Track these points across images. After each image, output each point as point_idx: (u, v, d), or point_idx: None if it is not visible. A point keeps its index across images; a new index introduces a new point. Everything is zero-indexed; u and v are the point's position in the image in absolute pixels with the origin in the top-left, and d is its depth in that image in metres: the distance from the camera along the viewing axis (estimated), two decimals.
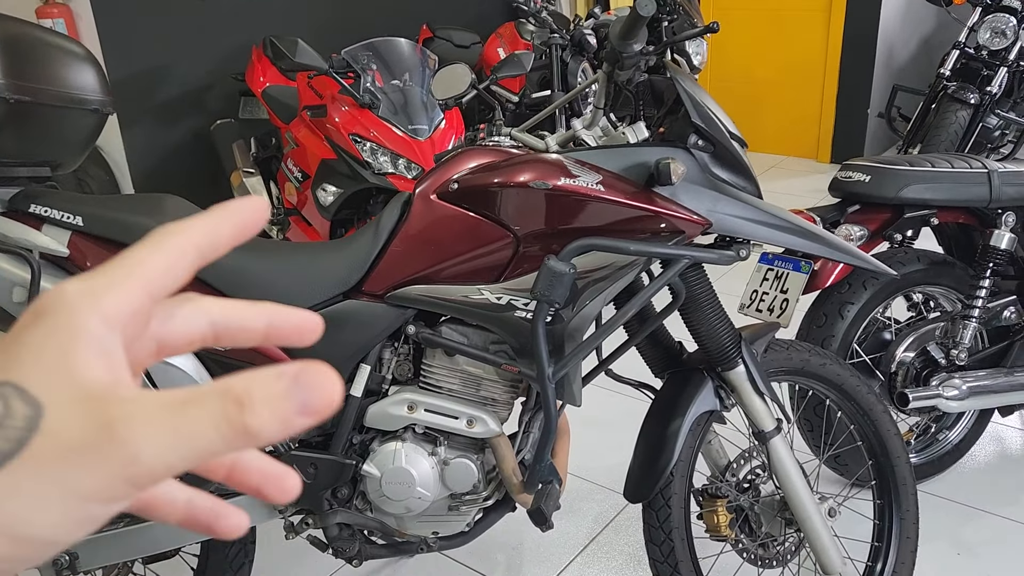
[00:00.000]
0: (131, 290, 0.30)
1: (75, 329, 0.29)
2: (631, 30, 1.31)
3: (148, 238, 0.32)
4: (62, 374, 0.28)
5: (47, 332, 0.29)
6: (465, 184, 1.39)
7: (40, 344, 0.28)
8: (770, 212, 1.41)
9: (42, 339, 0.29)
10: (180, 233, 0.32)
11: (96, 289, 0.30)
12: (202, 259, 0.33)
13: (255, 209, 0.35)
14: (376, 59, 2.80)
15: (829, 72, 5.06)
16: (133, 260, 0.31)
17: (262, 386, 0.28)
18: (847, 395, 1.69)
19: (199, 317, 0.34)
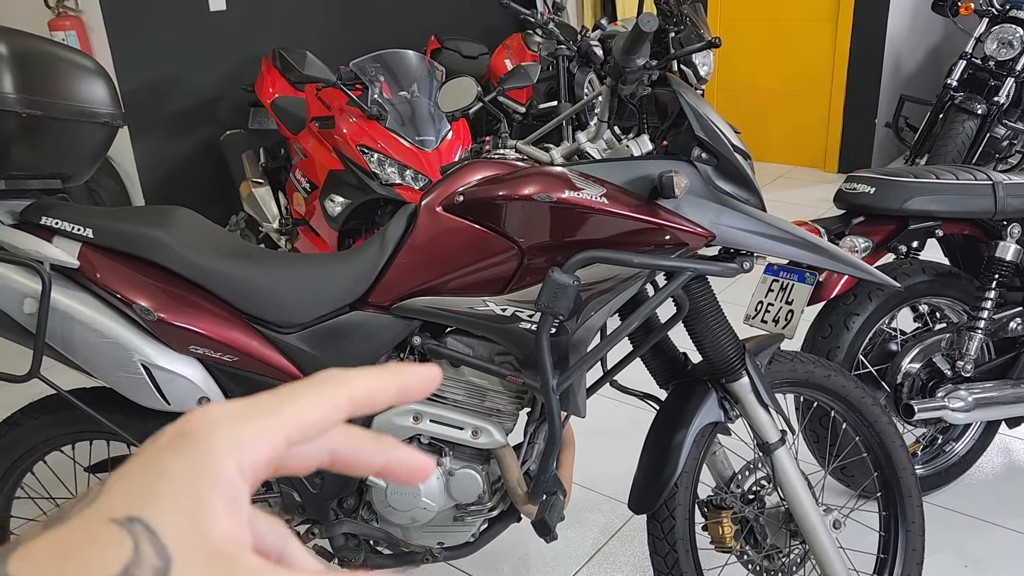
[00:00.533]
0: (276, 440, 0.29)
1: (214, 474, 0.28)
2: (634, 45, 1.32)
3: (312, 380, 0.32)
4: (194, 524, 0.26)
5: (187, 470, 0.28)
6: (470, 196, 1.40)
7: (178, 482, 0.27)
8: (774, 224, 1.41)
9: (181, 476, 0.27)
10: (343, 384, 0.32)
11: (243, 435, 0.29)
12: (354, 413, 0.32)
13: (426, 380, 0.34)
14: (384, 71, 2.83)
15: (836, 82, 5.06)
16: (289, 404, 0.30)
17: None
18: (852, 406, 1.69)
19: (323, 445, 0.33)
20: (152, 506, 0.26)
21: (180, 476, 0.27)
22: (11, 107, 1.37)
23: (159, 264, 1.43)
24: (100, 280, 1.42)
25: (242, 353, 1.44)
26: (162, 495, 0.27)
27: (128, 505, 0.26)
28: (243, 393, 1.47)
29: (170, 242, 1.44)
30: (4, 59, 1.37)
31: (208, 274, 1.44)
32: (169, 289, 1.44)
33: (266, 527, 0.32)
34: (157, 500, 0.27)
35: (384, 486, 1.49)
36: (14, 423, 1.60)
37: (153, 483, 0.27)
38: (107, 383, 1.45)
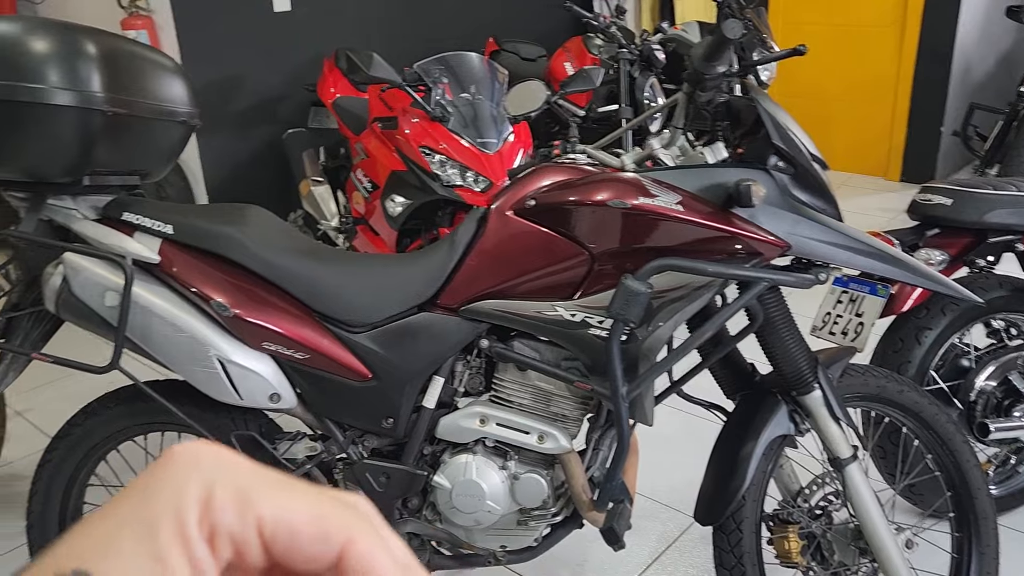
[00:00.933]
0: (249, 515, 0.27)
1: (181, 525, 0.26)
2: (715, 52, 1.31)
3: (339, 497, 0.29)
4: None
5: (148, 517, 0.26)
6: (542, 201, 1.40)
7: (137, 531, 0.26)
8: (851, 235, 1.38)
9: (140, 526, 0.26)
10: (360, 524, 0.29)
11: (221, 487, 0.27)
12: (342, 564, 0.28)
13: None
14: (447, 73, 2.84)
15: (901, 88, 4.95)
16: (289, 494, 0.28)
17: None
18: (925, 424, 1.65)
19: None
20: (102, 557, 0.25)
21: (139, 526, 0.26)
22: (98, 106, 1.40)
23: (235, 261, 1.46)
24: (178, 275, 1.46)
25: (313, 351, 1.46)
26: (118, 546, 0.25)
27: (78, 556, 0.25)
28: (313, 390, 1.49)
29: (246, 240, 1.46)
30: (93, 59, 1.40)
31: (282, 272, 1.46)
32: (244, 286, 1.46)
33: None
34: (109, 551, 0.25)
35: (449, 487, 1.49)
36: (91, 412, 1.64)
37: (111, 532, 0.26)
38: (182, 376, 1.48)
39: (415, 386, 1.49)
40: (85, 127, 1.39)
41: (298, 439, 1.58)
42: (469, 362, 1.52)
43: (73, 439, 1.64)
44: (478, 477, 1.48)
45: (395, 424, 1.50)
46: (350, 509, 0.29)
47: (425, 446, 1.54)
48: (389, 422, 1.50)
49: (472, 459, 1.50)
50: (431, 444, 1.55)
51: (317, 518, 0.28)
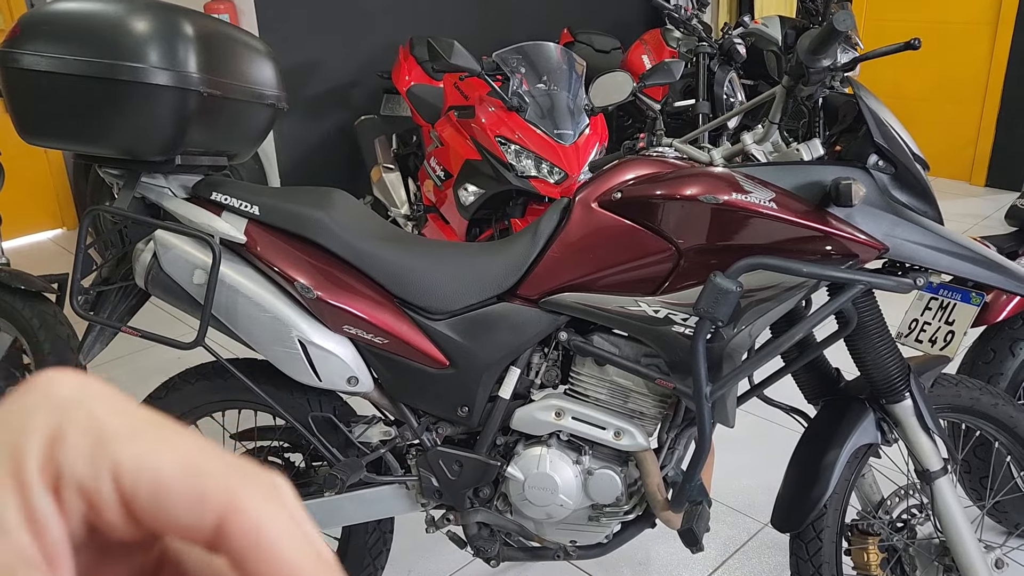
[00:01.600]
0: (103, 463, 0.22)
1: (5, 480, 0.21)
2: (823, 45, 1.26)
3: (242, 465, 0.23)
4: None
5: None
6: (629, 194, 1.37)
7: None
8: (953, 239, 1.33)
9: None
10: (262, 486, 0.23)
11: (72, 428, 0.22)
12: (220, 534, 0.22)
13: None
14: (525, 62, 2.82)
15: (991, 90, 4.75)
16: (170, 444, 0.22)
17: None
18: (1020, 439, 1.58)
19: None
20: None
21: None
22: (195, 86, 1.42)
23: (319, 244, 1.47)
24: (264, 256, 1.47)
25: (392, 336, 1.46)
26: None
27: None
28: (390, 375, 1.49)
29: (330, 223, 1.47)
30: (190, 40, 1.42)
31: (364, 257, 1.47)
32: (327, 269, 1.47)
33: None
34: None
35: (522, 479, 1.48)
36: (172, 387, 1.68)
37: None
38: (264, 355, 1.50)
39: (492, 376, 1.49)
40: (181, 107, 1.41)
41: (373, 423, 1.59)
42: (547, 354, 1.51)
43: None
44: (551, 470, 1.47)
45: (470, 413, 1.49)
46: (244, 472, 0.22)
47: (499, 436, 1.53)
48: (464, 411, 1.49)
49: (546, 452, 1.48)
50: (505, 435, 1.54)
51: (192, 474, 0.22)
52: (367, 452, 1.56)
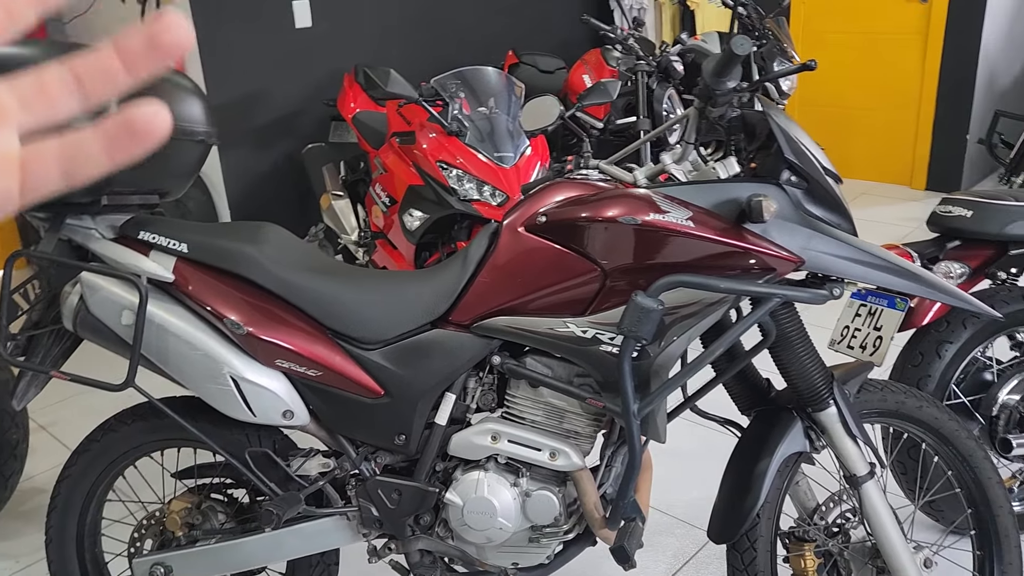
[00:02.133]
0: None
1: None
2: (725, 68, 1.30)
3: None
4: None
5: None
6: (553, 217, 1.40)
7: None
8: (866, 250, 1.37)
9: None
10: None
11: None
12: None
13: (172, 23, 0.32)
14: (464, 87, 2.85)
15: (926, 96, 4.89)
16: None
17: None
18: (945, 440, 1.62)
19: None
20: None
21: None
22: None
23: (250, 279, 1.47)
24: (193, 294, 1.47)
25: (326, 368, 1.47)
26: None
27: None
28: (325, 407, 1.50)
29: (260, 258, 1.48)
30: None
31: (296, 290, 1.47)
32: (258, 304, 1.47)
33: None
34: None
35: (461, 504, 1.49)
36: (108, 428, 1.66)
37: None
38: (197, 394, 1.49)
39: (427, 403, 1.50)
40: None
41: (311, 456, 1.59)
42: (481, 379, 1.52)
43: (91, 455, 1.66)
44: (490, 494, 1.48)
45: (407, 441, 1.50)
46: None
47: (437, 463, 1.54)
48: (401, 439, 1.50)
49: (484, 476, 1.49)
50: (443, 461, 1.55)
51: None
52: (306, 485, 1.55)
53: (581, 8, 5.40)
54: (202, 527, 1.66)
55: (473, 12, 4.87)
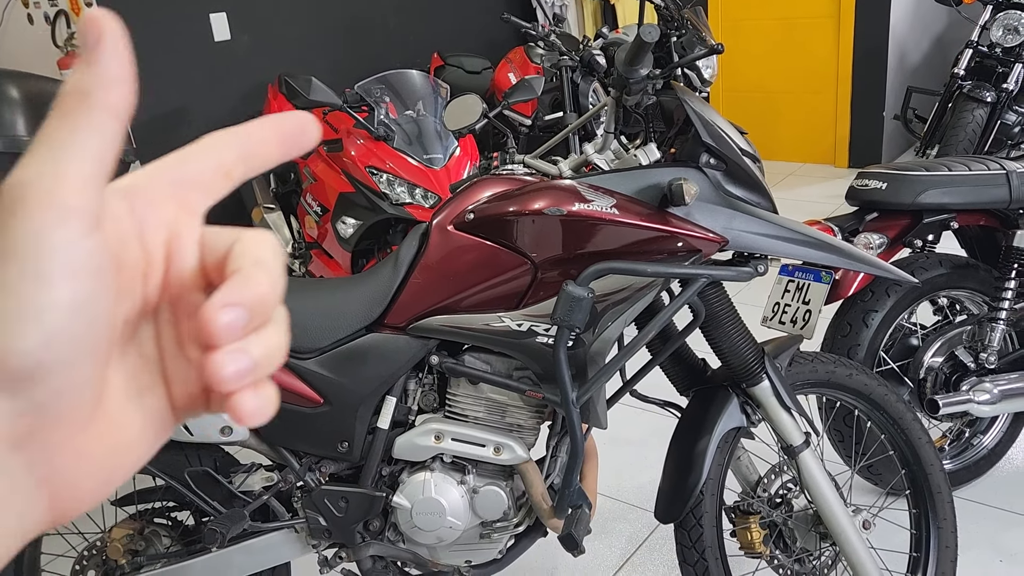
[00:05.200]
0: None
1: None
2: (636, 56, 1.32)
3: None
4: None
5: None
6: (481, 214, 1.40)
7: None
8: (786, 226, 1.41)
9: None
10: (224, 133, 0.29)
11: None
12: (236, 161, 0.29)
13: (302, 122, 0.31)
14: (389, 91, 2.84)
15: (842, 77, 5.04)
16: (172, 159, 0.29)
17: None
18: (876, 404, 1.68)
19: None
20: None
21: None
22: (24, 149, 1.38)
23: None
24: None
25: None
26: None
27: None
28: None
29: None
30: (16, 103, 1.39)
31: None
32: None
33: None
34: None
35: (409, 507, 1.49)
36: None
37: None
38: None
39: (368, 408, 1.49)
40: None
41: (254, 470, 1.57)
42: (421, 380, 1.52)
43: None
44: (437, 494, 1.48)
45: (350, 448, 1.49)
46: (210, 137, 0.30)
47: (383, 467, 1.53)
48: (344, 446, 1.49)
49: (430, 476, 1.49)
50: (389, 465, 1.54)
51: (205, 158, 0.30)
52: (250, 501, 1.53)
53: (504, 7, 5.42)
54: (146, 553, 1.62)
55: (396, 16, 4.84)
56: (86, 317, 0.25)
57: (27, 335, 0.24)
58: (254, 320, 0.27)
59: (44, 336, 0.24)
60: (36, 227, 0.24)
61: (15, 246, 0.24)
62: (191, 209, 0.29)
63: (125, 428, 0.28)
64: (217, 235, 0.29)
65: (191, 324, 0.29)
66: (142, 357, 0.29)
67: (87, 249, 0.24)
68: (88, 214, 0.24)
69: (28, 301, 0.24)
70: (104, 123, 0.25)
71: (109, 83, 0.25)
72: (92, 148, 0.25)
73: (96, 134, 0.25)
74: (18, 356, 0.24)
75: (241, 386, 0.27)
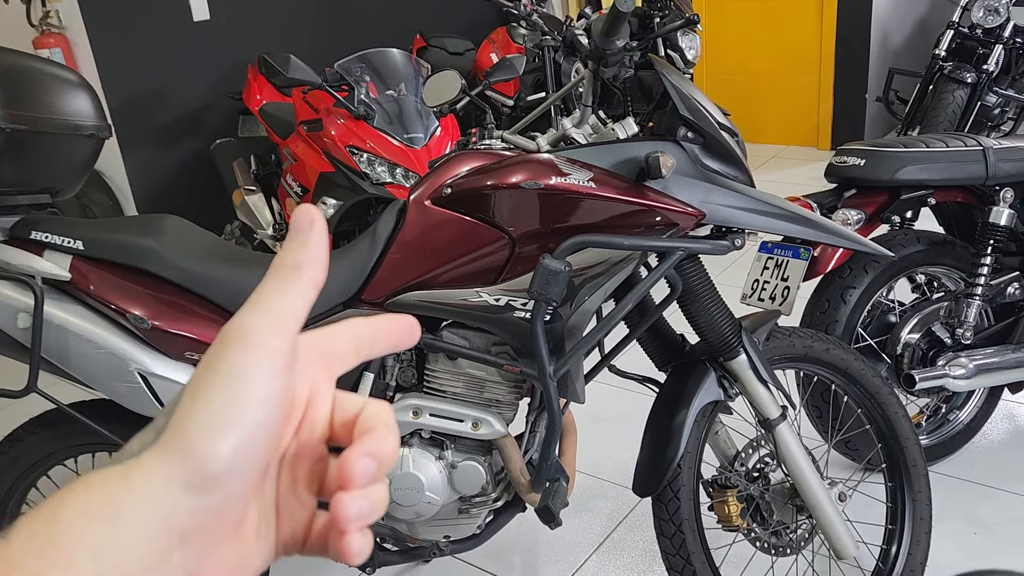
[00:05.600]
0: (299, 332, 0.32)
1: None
2: (613, 26, 1.32)
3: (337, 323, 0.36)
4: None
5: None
6: (458, 188, 1.40)
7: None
8: (764, 200, 1.41)
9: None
10: (354, 323, 0.36)
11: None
12: (371, 344, 0.37)
13: (407, 326, 0.38)
14: (369, 70, 2.82)
15: (825, 59, 5.05)
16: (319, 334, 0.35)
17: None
18: (852, 379, 1.69)
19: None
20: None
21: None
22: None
23: (151, 272, 1.43)
24: (93, 291, 1.42)
25: None
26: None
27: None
28: None
29: (160, 250, 1.43)
30: None
31: (200, 279, 1.44)
32: (162, 297, 1.43)
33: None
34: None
35: (387, 481, 1.48)
36: (16, 439, 1.60)
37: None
38: (106, 394, 1.45)
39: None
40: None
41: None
42: (399, 356, 1.52)
43: None
44: (415, 469, 1.48)
45: None
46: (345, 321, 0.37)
47: None
48: None
49: (408, 452, 1.49)
50: None
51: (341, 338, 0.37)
52: None
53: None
54: None
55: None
56: (265, 440, 0.30)
57: (225, 444, 0.29)
58: (379, 471, 0.33)
59: (236, 447, 0.29)
60: (248, 360, 0.30)
61: (228, 371, 0.29)
62: (330, 372, 0.35)
63: (249, 551, 0.33)
64: (347, 398, 0.36)
65: (314, 468, 0.35)
66: (268, 491, 0.34)
67: (280, 384, 0.31)
68: (286, 356, 0.31)
69: (230, 417, 0.29)
70: (307, 290, 0.32)
71: (315, 261, 0.33)
72: (297, 308, 0.32)
73: (301, 298, 0.32)
74: (214, 460, 0.29)
75: (356, 527, 0.32)
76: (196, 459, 0.28)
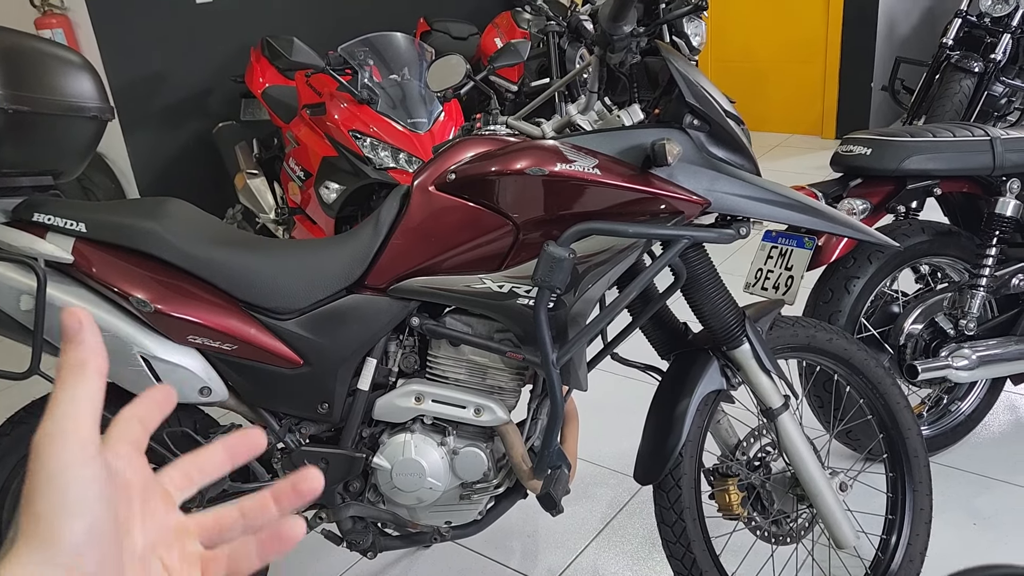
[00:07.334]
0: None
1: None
2: (620, 11, 1.31)
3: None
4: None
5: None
6: (462, 174, 1.39)
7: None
8: (769, 189, 1.40)
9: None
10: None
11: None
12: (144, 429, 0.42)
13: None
14: (373, 54, 2.81)
15: (831, 48, 5.02)
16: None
17: None
18: (855, 369, 1.69)
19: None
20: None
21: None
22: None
23: (154, 256, 1.43)
24: (95, 274, 1.42)
25: (241, 341, 1.44)
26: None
27: None
28: (244, 380, 1.47)
29: (164, 233, 1.43)
30: None
31: (203, 263, 1.44)
32: (165, 280, 1.43)
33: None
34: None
35: (389, 467, 1.49)
36: (18, 421, 1.60)
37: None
38: (108, 378, 1.45)
39: (348, 369, 1.48)
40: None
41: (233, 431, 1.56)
42: (402, 341, 1.51)
43: (1, 451, 1.60)
44: (417, 455, 1.48)
45: (331, 409, 1.49)
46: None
47: (363, 428, 1.53)
48: (324, 407, 1.49)
49: (410, 438, 1.49)
50: (369, 426, 1.54)
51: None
52: None
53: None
54: None
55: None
56: (106, 518, 0.35)
57: (75, 524, 0.34)
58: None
59: (86, 523, 0.34)
60: (66, 457, 0.35)
61: (50, 472, 0.34)
62: (169, 502, 0.43)
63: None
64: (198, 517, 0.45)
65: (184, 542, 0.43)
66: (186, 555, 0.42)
67: (99, 465, 0.36)
68: (94, 444, 0.36)
69: (71, 506, 0.34)
70: (94, 382, 0.37)
71: (95, 353, 0.38)
72: (90, 403, 0.36)
73: (92, 390, 0.37)
74: (70, 536, 0.34)
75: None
76: (52, 543, 0.33)
